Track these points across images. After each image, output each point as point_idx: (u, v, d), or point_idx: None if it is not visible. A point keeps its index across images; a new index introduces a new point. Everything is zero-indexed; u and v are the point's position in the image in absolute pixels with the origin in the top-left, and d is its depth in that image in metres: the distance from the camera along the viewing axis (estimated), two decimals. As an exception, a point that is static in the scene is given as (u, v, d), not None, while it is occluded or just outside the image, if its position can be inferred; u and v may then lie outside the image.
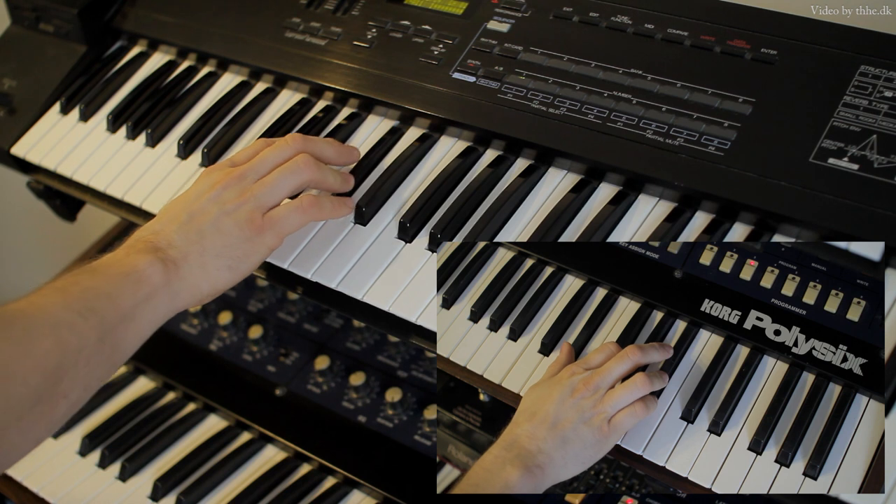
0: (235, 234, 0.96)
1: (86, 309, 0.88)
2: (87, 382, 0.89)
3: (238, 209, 0.97)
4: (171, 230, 0.96)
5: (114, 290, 0.90)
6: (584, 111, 1.01)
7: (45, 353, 0.84)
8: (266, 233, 0.97)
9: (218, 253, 0.96)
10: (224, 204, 0.97)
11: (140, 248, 0.95)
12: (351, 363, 1.38)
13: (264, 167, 1.01)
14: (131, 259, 0.93)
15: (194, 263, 0.95)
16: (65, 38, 1.38)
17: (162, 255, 0.94)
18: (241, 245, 0.97)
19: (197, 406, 1.39)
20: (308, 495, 1.25)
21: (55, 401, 0.85)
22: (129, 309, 0.91)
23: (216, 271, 0.96)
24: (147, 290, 0.92)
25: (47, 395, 0.84)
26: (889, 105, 0.90)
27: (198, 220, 0.97)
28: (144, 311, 0.92)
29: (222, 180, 0.99)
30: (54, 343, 0.85)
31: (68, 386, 0.86)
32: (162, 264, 0.93)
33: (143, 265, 0.92)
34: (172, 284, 0.94)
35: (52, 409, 0.86)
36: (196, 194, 0.99)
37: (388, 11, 1.19)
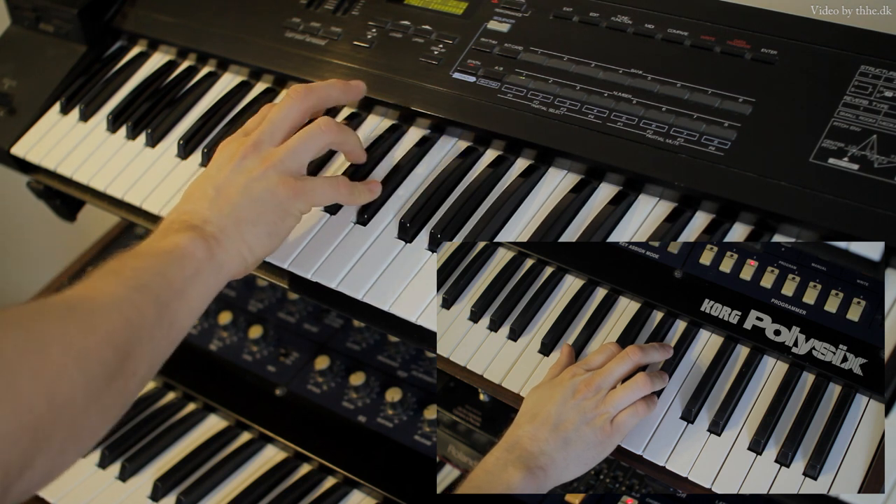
0: (267, 199, 0.96)
1: (141, 286, 0.89)
2: (152, 359, 0.90)
3: (265, 175, 0.97)
4: (203, 207, 0.97)
5: (162, 267, 0.91)
6: (584, 111, 1.01)
7: (114, 329, 0.85)
8: (299, 198, 0.97)
9: (254, 221, 0.96)
10: (249, 172, 0.97)
11: (177, 229, 0.95)
12: (351, 363, 1.38)
13: (276, 128, 1.00)
14: (171, 238, 0.93)
15: (233, 235, 0.96)
16: (65, 38, 1.38)
17: (200, 231, 0.94)
18: (275, 210, 0.97)
19: (197, 406, 1.39)
20: (308, 495, 1.25)
21: (127, 378, 0.86)
22: (180, 284, 0.91)
23: (256, 239, 0.97)
24: (194, 265, 0.92)
25: (120, 371, 0.85)
26: (889, 105, 0.90)
27: (226, 191, 0.97)
28: (195, 285, 0.92)
29: (239, 150, 0.99)
30: (120, 319, 0.85)
31: (137, 362, 0.87)
32: (203, 240, 0.94)
33: (185, 242, 0.93)
34: (216, 257, 0.94)
35: (124, 386, 0.86)
36: (217, 168, 0.99)
37: (388, 11, 1.19)
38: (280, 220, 0.97)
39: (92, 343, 0.83)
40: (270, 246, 0.99)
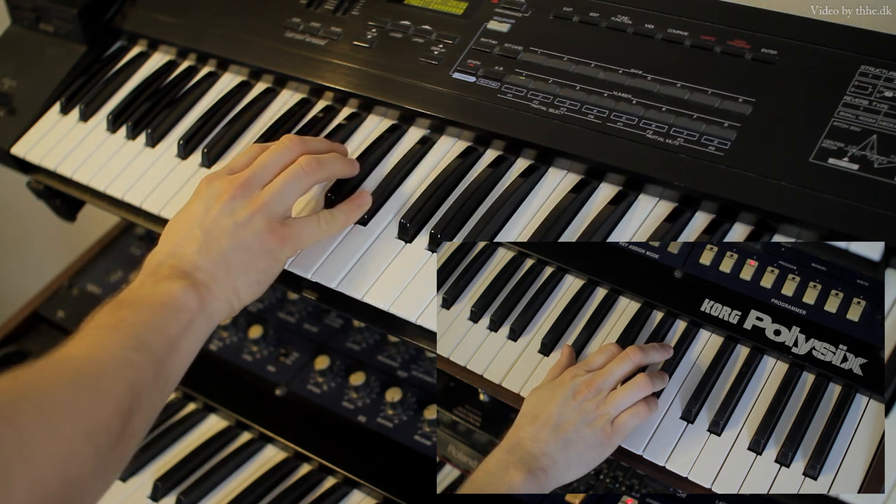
0: (256, 246, 0.96)
1: (140, 345, 0.88)
2: (149, 418, 0.89)
3: (252, 220, 0.96)
4: (192, 252, 0.96)
5: (159, 321, 0.90)
6: (584, 111, 1.01)
7: (119, 396, 0.84)
8: (287, 244, 0.98)
9: (244, 269, 0.96)
10: (236, 215, 0.96)
11: (167, 275, 0.94)
12: (351, 363, 1.38)
13: (266, 172, 1.00)
14: (164, 287, 0.93)
15: (224, 283, 0.95)
16: (65, 38, 1.38)
17: (191, 280, 0.94)
18: (264, 257, 0.97)
19: (197, 406, 1.39)
20: (308, 495, 1.25)
21: (128, 441, 0.86)
22: (175, 338, 0.91)
23: (246, 287, 0.97)
24: (187, 317, 0.92)
25: (123, 436, 0.84)
26: (889, 105, 0.90)
27: (215, 235, 0.96)
28: (187, 337, 0.92)
29: (228, 190, 0.98)
30: (124, 385, 0.85)
31: (136, 424, 0.86)
32: (195, 290, 0.93)
33: (178, 293, 0.92)
34: (207, 307, 0.94)
35: (126, 449, 0.86)
36: (204, 208, 0.98)
37: (388, 11, 1.19)
38: (269, 267, 0.98)
39: (101, 414, 0.82)
40: (259, 292, 0.99)
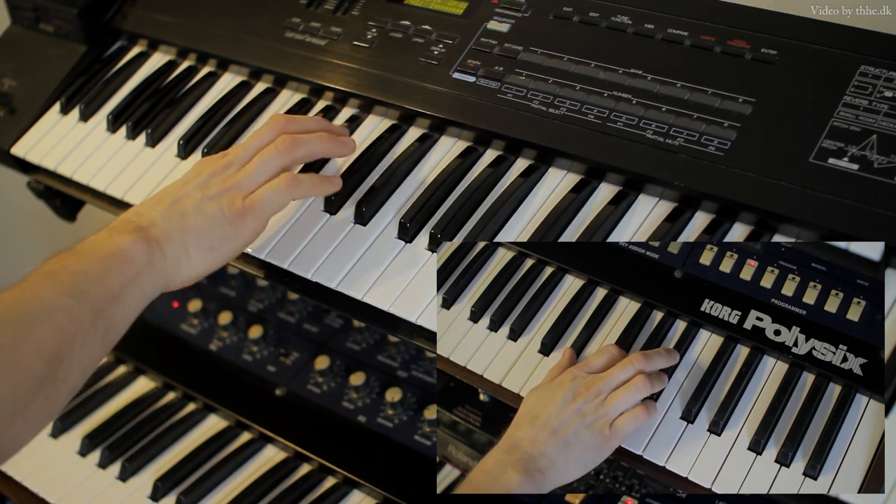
0: (217, 216, 0.97)
1: (77, 292, 0.89)
2: (84, 365, 0.90)
3: (221, 194, 0.98)
4: (156, 212, 0.98)
5: (101, 271, 0.91)
6: (584, 111, 1.01)
7: (44, 339, 0.85)
8: (247, 216, 0.98)
9: (199, 234, 0.97)
10: (208, 189, 0.99)
11: (123, 229, 0.96)
12: (351, 363, 1.38)
13: (248, 154, 1.02)
14: (115, 239, 0.94)
15: (176, 243, 0.96)
16: (65, 38, 1.38)
17: (144, 234, 0.95)
18: (223, 227, 0.97)
19: (197, 406, 1.39)
20: (308, 495, 1.25)
21: (56, 386, 0.86)
22: (118, 289, 0.92)
23: (197, 252, 0.97)
24: (133, 269, 0.93)
25: (49, 380, 0.85)
26: (889, 105, 0.90)
27: (181, 203, 0.98)
28: (132, 290, 0.93)
29: (210, 168, 1.01)
30: (51, 328, 0.86)
31: (67, 370, 0.87)
32: (145, 243, 0.94)
33: (127, 244, 0.93)
34: (156, 263, 0.95)
35: (54, 394, 0.86)
36: (184, 181, 1.01)
37: (388, 11, 1.19)
38: (226, 238, 0.98)
39: (21, 355, 0.83)
40: (212, 261, 0.99)
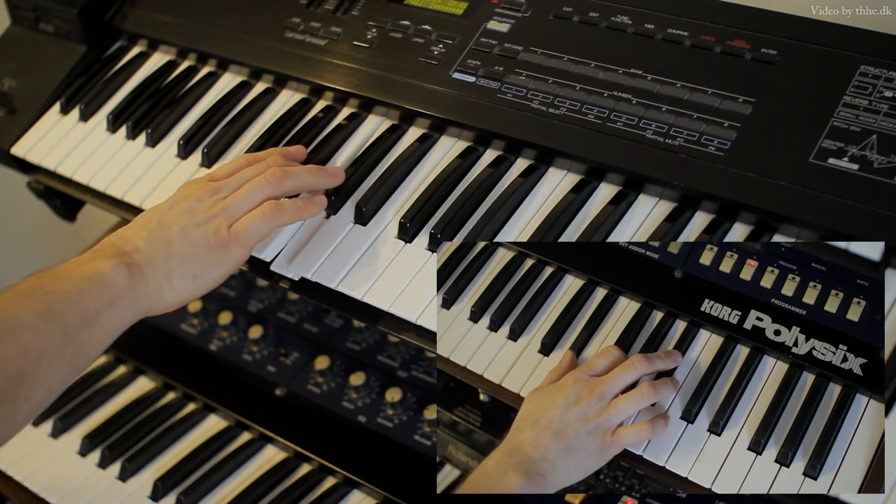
0: (202, 244, 0.97)
1: (48, 312, 0.88)
2: (50, 385, 0.89)
3: (207, 221, 0.98)
4: (140, 236, 0.97)
5: (77, 293, 0.91)
6: (584, 111, 1.01)
7: (6, 356, 0.85)
8: (232, 245, 0.98)
9: (183, 261, 0.96)
10: (194, 215, 0.98)
11: (106, 253, 0.95)
12: (351, 363, 1.38)
13: (238, 182, 1.02)
14: (96, 263, 0.94)
15: (159, 269, 0.96)
16: (65, 38, 1.38)
17: (127, 259, 0.95)
18: (207, 255, 0.97)
19: (197, 406, 1.39)
20: (308, 495, 1.25)
21: (17, 403, 0.86)
22: (93, 313, 0.91)
23: (180, 279, 0.97)
24: (111, 293, 0.92)
25: (9, 397, 0.85)
26: (889, 105, 0.90)
27: (166, 228, 0.98)
28: (108, 314, 0.92)
29: (197, 193, 1.00)
30: (15, 346, 0.86)
31: (30, 388, 0.87)
32: (126, 268, 0.94)
33: (108, 269, 0.93)
34: (137, 289, 0.94)
35: (13, 411, 0.86)
36: (170, 205, 1.00)
37: (388, 11, 1.19)
38: (210, 266, 0.97)
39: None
40: (195, 288, 0.98)
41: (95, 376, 1.45)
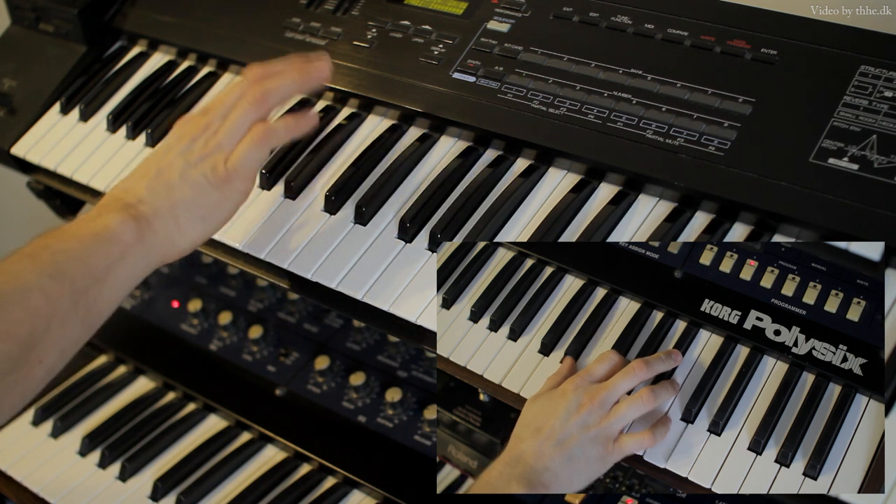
0: (203, 184, 0.96)
1: (56, 272, 0.87)
2: (63, 346, 0.88)
3: (203, 160, 0.96)
4: (141, 186, 0.96)
5: (85, 251, 0.90)
6: (584, 111, 1.01)
7: (16, 320, 0.84)
8: (233, 179, 0.96)
9: (188, 205, 0.95)
10: (190, 155, 0.97)
11: (111, 208, 0.94)
12: (351, 363, 1.38)
13: (225, 110, 0.99)
14: (102, 219, 0.93)
15: (166, 217, 0.95)
16: (65, 38, 1.38)
17: (133, 211, 0.94)
18: (211, 194, 0.96)
19: (197, 406, 1.39)
20: (308, 495, 1.25)
21: (31, 367, 0.85)
22: (102, 270, 0.90)
23: (189, 223, 0.96)
24: (119, 248, 0.91)
25: (22, 361, 0.84)
26: (889, 105, 0.90)
27: (166, 174, 0.96)
28: (118, 270, 0.91)
29: (191, 132, 0.98)
30: (24, 309, 0.85)
31: (43, 351, 0.86)
32: (134, 221, 0.93)
33: (115, 224, 0.92)
34: (146, 241, 0.93)
35: (28, 375, 0.85)
36: (166, 148, 0.99)
37: (388, 11, 1.19)
38: (216, 204, 0.96)
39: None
40: (203, 231, 0.97)
41: (95, 376, 1.45)
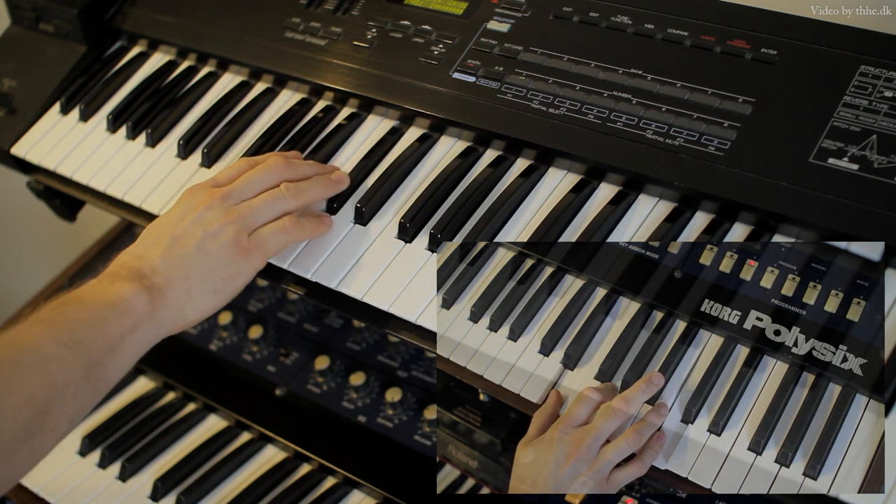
0: (221, 256, 0.96)
1: (73, 342, 0.88)
2: (73, 415, 0.89)
3: (222, 230, 0.97)
4: (155, 255, 0.96)
5: (100, 321, 0.90)
6: (584, 111, 1.01)
7: (34, 388, 0.84)
8: (253, 254, 0.97)
9: (202, 277, 0.96)
10: (208, 225, 0.97)
11: (124, 276, 0.94)
12: (351, 363, 1.38)
13: (249, 190, 1.01)
14: (116, 288, 0.93)
15: (179, 289, 0.95)
16: (65, 38, 1.38)
17: (147, 282, 0.94)
18: (226, 268, 0.96)
19: (197, 406, 1.39)
20: (308, 495, 1.25)
21: (44, 435, 0.85)
22: (116, 340, 0.90)
23: (201, 296, 0.96)
24: (132, 320, 0.92)
25: (36, 429, 0.84)
26: (889, 105, 0.90)
27: (182, 243, 0.96)
28: (130, 341, 0.92)
29: (206, 201, 0.99)
30: (43, 378, 0.85)
31: (56, 420, 0.86)
32: (147, 293, 0.93)
33: (128, 294, 0.92)
34: (157, 313, 0.94)
35: (40, 443, 0.85)
36: (179, 216, 0.99)
37: (388, 11, 1.19)
38: (229, 278, 0.97)
39: (9, 402, 0.82)
40: (214, 304, 0.98)
41: (95, 376, 1.45)
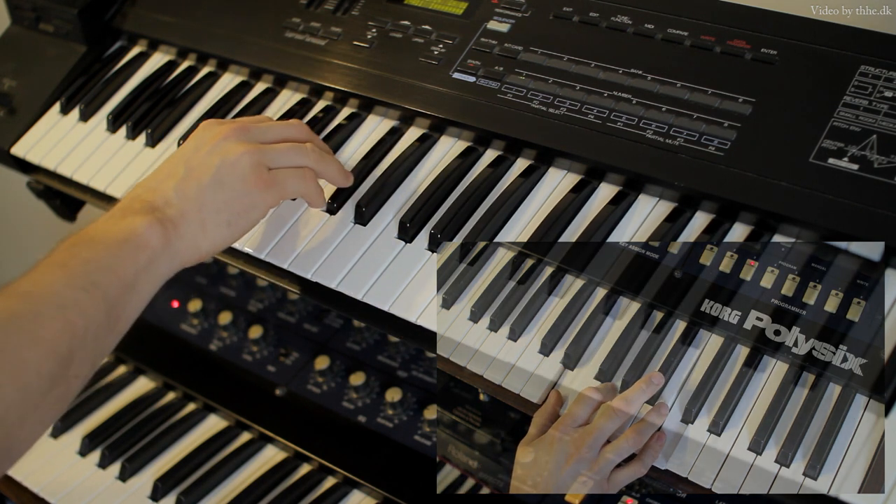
0: (237, 187, 0.94)
1: (89, 284, 0.86)
2: (95, 358, 0.88)
3: (241, 160, 0.94)
4: (169, 186, 0.94)
5: (114, 259, 0.88)
6: (584, 111, 1.01)
7: (56, 338, 0.82)
8: (271, 189, 0.95)
9: (218, 208, 0.94)
10: (226, 154, 0.94)
11: (137, 209, 0.92)
12: (351, 363, 1.38)
13: (270, 133, 0.99)
14: (128, 222, 0.91)
15: (193, 221, 0.93)
16: (65, 38, 1.38)
17: (160, 214, 0.92)
18: (242, 199, 0.94)
19: (197, 406, 1.39)
20: (308, 495, 1.25)
21: (68, 382, 0.84)
22: (132, 277, 0.89)
23: (215, 228, 0.94)
24: (147, 255, 0.90)
25: (60, 378, 0.83)
26: (889, 105, 0.90)
27: (197, 174, 0.94)
28: (146, 277, 0.90)
29: (224, 132, 0.96)
30: (63, 326, 0.83)
31: (79, 366, 0.85)
32: (160, 225, 0.91)
33: (142, 228, 0.90)
34: (172, 245, 0.92)
35: (66, 391, 0.84)
36: (195, 146, 0.96)
37: (388, 11, 1.19)
38: (244, 210, 0.95)
39: (32, 356, 0.81)
40: (229, 236, 0.96)
41: (95, 376, 1.45)
